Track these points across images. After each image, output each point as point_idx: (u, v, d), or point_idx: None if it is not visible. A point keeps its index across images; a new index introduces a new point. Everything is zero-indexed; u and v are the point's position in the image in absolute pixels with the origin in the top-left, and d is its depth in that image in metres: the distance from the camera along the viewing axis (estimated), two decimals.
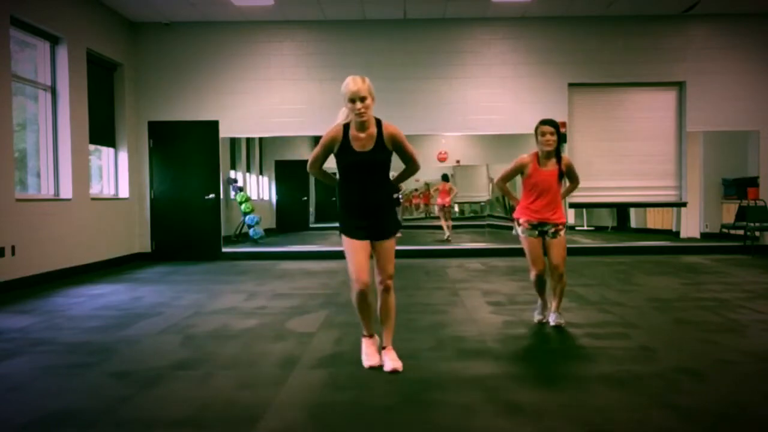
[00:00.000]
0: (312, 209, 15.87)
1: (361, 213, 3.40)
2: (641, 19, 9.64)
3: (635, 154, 9.79)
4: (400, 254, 10.48)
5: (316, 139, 14.67)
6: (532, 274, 4.55)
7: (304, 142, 14.68)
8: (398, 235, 3.61)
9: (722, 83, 9.64)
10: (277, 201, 15.62)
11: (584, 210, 15.18)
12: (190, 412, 2.86)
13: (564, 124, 9.64)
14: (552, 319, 4.57)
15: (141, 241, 9.64)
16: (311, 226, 15.61)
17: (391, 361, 3.44)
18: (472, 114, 9.67)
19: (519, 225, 4.53)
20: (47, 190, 7.69)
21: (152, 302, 5.81)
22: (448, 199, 12.22)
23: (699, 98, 9.64)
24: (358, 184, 3.39)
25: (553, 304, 4.60)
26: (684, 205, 10.10)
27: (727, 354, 3.77)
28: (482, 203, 18.32)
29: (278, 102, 9.61)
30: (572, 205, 10.37)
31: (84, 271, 7.97)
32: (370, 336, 3.61)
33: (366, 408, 2.91)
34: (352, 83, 3.25)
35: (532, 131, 4.53)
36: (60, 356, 3.89)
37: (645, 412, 2.78)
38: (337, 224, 3.54)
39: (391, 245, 3.46)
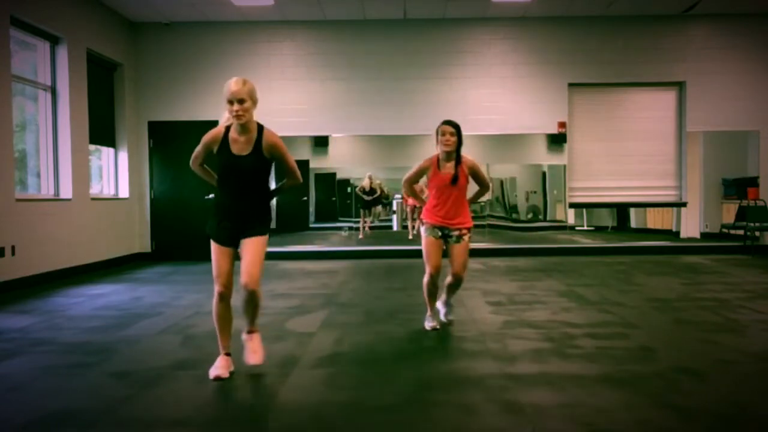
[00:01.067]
0: (312, 209, 15.88)
1: (229, 215, 3.38)
2: (641, 19, 9.64)
3: (635, 154, 9.79)
4: (400, 254, 10.49)
5: (316, 139, 14.64)
6: (426, 276, 4.45)
7: (304, 142, 14.66)
8: (361, 237, 3.55)
9: (722, 83, 9.64)
10: (277, 201, 15.62)
11: (584, 210, 15.17)
12: (190, 412, 2.86)
13: (564, 124, 9.65)
14: (442, 314, 4.56)
15: (141, 241, 9.64)
16: (311, 226, 15.61)
17: (253, 352, 3.42)
18: (472, 114, 9.66)
19: (423, 224, 4.46)
20: (47, 190, 7.69)
21: (152, 302, 5.81)
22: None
23: (699, 98, 9.64)
24: (230, 187, 3.36)
25: (443, 296, 4.54)
26: (684, 205, 10.11)
27: (727, 354, 3.77)
28: (482, 203, 18.32)
29: (278, 102, 9.60)
30: (572, 205, 10.37)
31: (84, 271, 7.96)
32: (227, 355, 3.46)
33: (366, 408, 2.91)
34: (234, 84, 3.19)
35: (532, 131, 4.55)
36: (60, 356, 3.89)
37: (645, 412, 2.78)
38: (337, 224, 3.53)
39: (255, 245, 3.38)
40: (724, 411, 2.81)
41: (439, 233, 4.39)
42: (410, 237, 11.54)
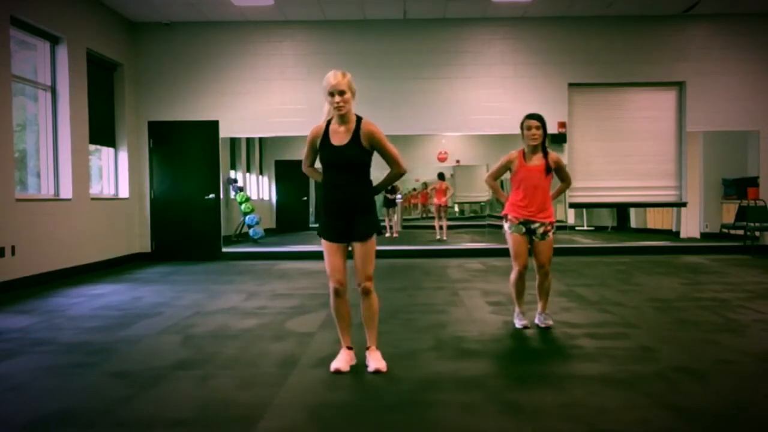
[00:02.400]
0: (312, 209, 15.89)
1: (337, 212, 3.41)
2: (641, 19, 9.64)
3: (635, 154, 9.79)
4: (401, 254, 10.47)
5: None
6: (514, 273, 4.44)
7: (304, 142, 14.65)
8: (395, 235, 3.64)
9: (722, 83, 9.64)
10: (277, 201, 15.63)
11: (584, 210, 15.18)
12: (190, 412, 2.86)
13: (564, 124, 9.65)
14: (540, 321, 4.50)
15: (141, 241, 9.64)
16: (311, 226, 15.61)
17: (375, 362, 3.44)
18: (472, 114, 9.67)
19: (506, 221, 4.42)
20: (47, 190, 7.69)
21: (152, 302, 5.81)
22: (444, 199, 12.22)
23: (699, 98, 9.64)
24: (334, 179, 3.41)
25: (539, 305, 4.52)
26: (684, 205, 10.11)
27: (727, 354, 3.77)
28: (482, 203, 18.32)
29: (278, 102, 9.61)
30: (572, 205, 10.37)
31: (84, 271, 7.96)
32: (349, 348, 3.55)
33: (366, 408, 2.91)
34: (333, 77, 3.28)
35: None
36: (60, 356, 3.89)
37: (645, 412, 2.78)
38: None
39: (368, 247, 3.42)
40: (724, 411, 2.81)
41: (523, 229, 4.37)
42: (438, 238, 11.59)
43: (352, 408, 2.92)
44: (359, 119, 3.41)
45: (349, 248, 3.49)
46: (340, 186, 3.39)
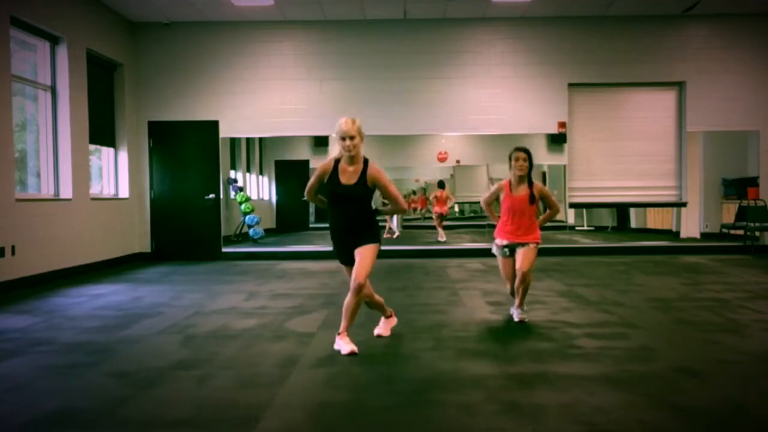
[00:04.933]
0: (312, 209, 15.89)
1: (341, 237, 3.94)
2: (641, 19, 9.64)
3: (635, 154, 9.79)
4: (400, 254, 10.48)
5: (316, 139, 14.63)
6: (507, 288, 4.91)
7: (304, 142, 14.68)
8: (396, 235, 3.89)
9: (722, 83, 9.64)
10: (277, 201, 15.63)
11: (584, 210, 15.18)
12: (190, 412, 2.86)
13: (564, 124, 9.65)
14: (516, 316, 4.72)
15: (141, 241, 9.64)
16: (311, 226, 15.61)
17: (347, 345, 3.81)
18: (472, 114, 9.67)
19: (495, 244, 4.81)
20: (47, 190, 7.69)
21: (152, 302, 5.81)
22: (446, 208, 12.28)
23: (699, 98, 9.64)
24: (339, 211, 3.90)
25: (516, 300, 4.73)
26: (684, 205, 10.11)
27: (727, 354, 3.77)
28: (480, 201, 18.30)
29: (278, 102, 9.61)
30: (572, 205, 10.37)
31: (84, 271, 7.96)
32: (388, 317, 4.31)
33: (366, 408, 2.91)
34: (344, 124, 3.78)
35: (532, 131, 4.66)
36: (60, 356, 3.89)
37: (645, 412, 2.78)
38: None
39: (366, 250, 3.87)
40: (724, 411, 2.81)
41: (507, 251, 4.73)
42: (440, 239, 11.64)
43: (352, 408, 2.92)
44: (366, 162, 3.87)
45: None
46: (345, 217, 3.90)
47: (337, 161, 3.86)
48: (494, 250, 4.82)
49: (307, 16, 9.47)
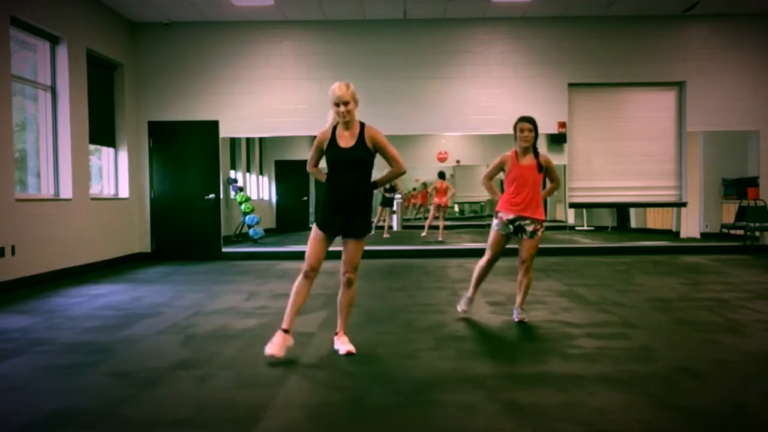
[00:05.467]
0: (312, 209, 15.88)
1: (339, 206, 3.73)
2: (641, 19, 9.64)
3: (635, 154, 9.79)
4: (400, 254, 10.45)
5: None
6: (484, 259, 4.76)
7: (304, 142, 14.67)
8: (386, 235, 3.80)
9: (722, 83, 9.64)
10: (277, 201, 15.63)
11: (584, 210, 15.18)
12: (190, 412, 2.86)
13: (564, 124, 9.65)
14: (516, 315, 4.69)
15: (141, 241, 9.64)
16: (311, 226, 15.60)
17: (346, 345, 3.77)
18: (472, 114, 9.67)
19: (496, 218, 4.69)
20: (47, 190, 7.69)
21: (152, 302, 5.81)
22: (445, 199, 12.16)
23: (699, 98, 9.64)
24: (340, 177, 3.74)
25: (518, 300, 4.71)
26: (684, 205, 10.10)
27: (727, 354, 3.77)
28: (482, 203, 18.31)
29: (278, 102, 9.61)
30: (572, 205, 10.37)
31: (84, 271, 7.97)
32: (286, 331, 3.69)
33: (366, 408, 2.91)
34: (338, 89, 3.67)
35: None
36: (60, 356, 3.89)
37: (645, 412, 2.78)
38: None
39: (360, 245, 3.79)
40: (724, 411, 2.81)
41: (511, 228, 4.63)
42: (438, 239, 11.58)
43: (352, 408, 2.92)
44: (362, 125, 3.76)
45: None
46: (345, 183, 3.73)
47: (334, 129, 3.78)
48: (494, 224, 4.70)
49: (307, 16, 9.47)
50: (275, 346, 3.62)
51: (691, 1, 9.07)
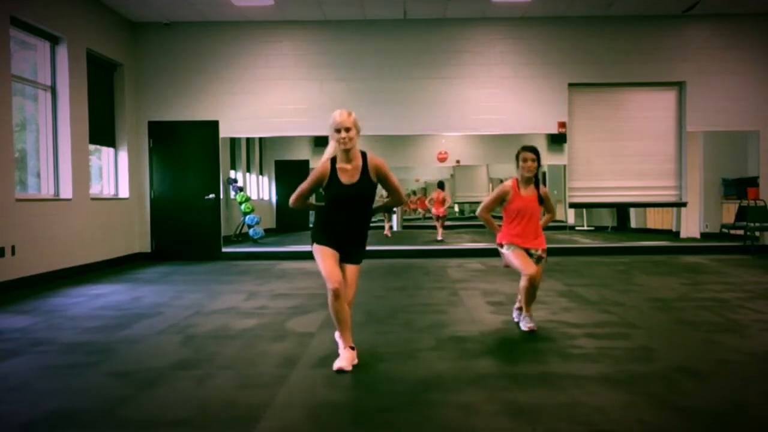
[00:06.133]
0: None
1: (336, 240, 3.58)
2: (641, 19, 9.64)
3: (635, 154, 9.79)
4: (400, 254, 10.45)
5: (316, 139, 14.68)
6: (524, 280, 4.35)
7: (304, 142, 14.69)
8: (388, 234, 3.65)
9: (722, 83, 9.64)
10: (277, 201, 15.63)
11: (584, 210, 15.19)
12: (190, 412, 2.86)
13: (564, 124, 9.65)
14: (524, 324, 4.43)
15: (141, 241, 9.64)
16: (311, 225, 15.60)
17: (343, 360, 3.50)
18: (472, 114, 9.67)
19: (503, 246, 4.48)
20: (47, 190, 7.69)
21: (152, 302, 5.81)
22: (442, 210, 12.41)
23: (699, 98, 9.64)
24: (341, 214, 3.57)
25: (524, 306, 4.50)
26: (684, 205, 10.10)
27: (727, 354, 3.77)
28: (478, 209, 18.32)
29: (278, 102, 9.61)
30: (572, 205, 10.37)
31: (84, 271, 7.97)
32: (352, 348, 3.57)
33: (366, 408, 2.91)
34: (339, 116, 3.46)
35: (532, 131, 4.60)
36: (60, 356, 3.89)
37: (645, 412, 2.78)
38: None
39: (355, 272, 3.63)
40: (724, 411, 2.81)
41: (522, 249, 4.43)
42: (439, 239, 11.69)
43: (352, 408, 2.92)
44: (364, 155, 3.56)
45: None
46: (348, 218, 3.58)
47: (332, 162, 3.52)
48: (504, 250, 4.46)
49: (307, 16, 9.47)
50: (345, 360, 3.47)
51: (691, 1, 9.07)
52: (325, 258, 3.57)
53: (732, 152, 11.40)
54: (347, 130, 3.44)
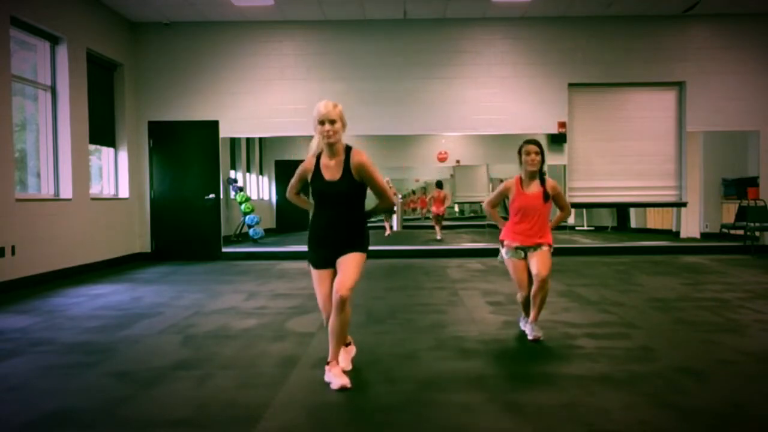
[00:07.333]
0: (311, 209, 15.87)
1: (326, 241, 3.34)
2: (641, 19, 9.64)
3: (635, 154, 9.79)
4: (400, 254, 10.47)
5: None
6: (520, 297, 4.26)
7: (304, 142, 14.62)
8: (388, 234, 3.50)
9: (722, 83, 9.64)
10: (277, 201, 15.62)
11: (584, 210, 15.18)
12: (190, 412, 2.86)
13: (564, 124, 9.65)
14: (529, 332, 4.17)
15: (141, 241, 9.64)
16: (311, 224, 15.57)
17: (338, 378, 3.16)
18: (472, 114, 9.66)
19: (503, 247, 4.25)
20: (47, 190, 7.69)
21: (152, 302, 5.81)
22: (442, 209, 12.45)
23: (699, 98, 9.64)
24: (326, 212, 3.36)
25: (531, 314, 4.20)
26: (684, 205, 10.10)
27: (727, 354, 3.77)
28: (482, 203, 18.32)
29: (278, 102, 9.61)
30: (572, 205, 10.36)
31: (84, 271, 7.96)
32: (337, 362, 3.29)
33: (366, 408, 2.91)
34: (323, 107, 3.31)
35: (532, 131, 4.55)
36: (60, 356, 3.89)
37: (645, 412, 2.78)
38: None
39: (351, 259, 3.27)
40: (724, 411, 2.81)
41: (522, 254, 4.18)
42: (438, 238, 11.78)
43: (352, 408, 2.92)
44: (348, 150, 3.33)
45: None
46: (332, 220, 3.34)
47: (318, 158, 3.36)
48: (503, 254, 4.24)
49: (307, 16, 9.46)
50: (342, 377, 3.17)
51: (691, 1, 9.07)
52: (319, 285, 3.41)
53: (732, 152, 11.39)
54: (332, 122, 3.27)
